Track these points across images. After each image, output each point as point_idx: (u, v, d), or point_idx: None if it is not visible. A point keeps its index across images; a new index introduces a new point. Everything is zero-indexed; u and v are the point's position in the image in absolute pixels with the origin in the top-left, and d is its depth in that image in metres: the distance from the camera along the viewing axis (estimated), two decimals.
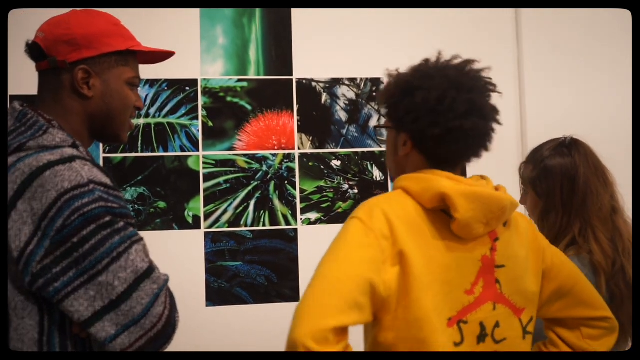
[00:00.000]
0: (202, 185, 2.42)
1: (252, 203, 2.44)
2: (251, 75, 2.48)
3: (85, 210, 1.03)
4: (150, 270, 1.07)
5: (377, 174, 2.54)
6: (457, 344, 1.06)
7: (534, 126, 2.58)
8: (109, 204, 1.07)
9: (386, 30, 2.56)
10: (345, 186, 2.52)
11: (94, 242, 1.03)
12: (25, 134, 1.10)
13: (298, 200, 2.48)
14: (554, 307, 1.23)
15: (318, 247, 1.05)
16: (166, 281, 1.11)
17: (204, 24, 2.46)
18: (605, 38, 2.67)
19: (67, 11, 1.21)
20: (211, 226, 2.41)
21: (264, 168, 2.46)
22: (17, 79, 2.05)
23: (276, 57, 2.50)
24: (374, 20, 2.55)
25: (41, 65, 1.18)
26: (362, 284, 0.98)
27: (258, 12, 2.50)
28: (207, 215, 2.41)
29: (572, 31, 2.66)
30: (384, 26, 2.56)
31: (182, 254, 2.37)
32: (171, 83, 2.42)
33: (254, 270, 2.42)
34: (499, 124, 1.15)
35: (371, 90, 2.55)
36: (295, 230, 2.46)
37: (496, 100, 1.16)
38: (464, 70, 1.14)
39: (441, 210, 1.09)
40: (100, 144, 2.30)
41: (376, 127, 2.53)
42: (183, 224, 2.39)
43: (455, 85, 1.09)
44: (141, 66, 1.28)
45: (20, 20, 1.84)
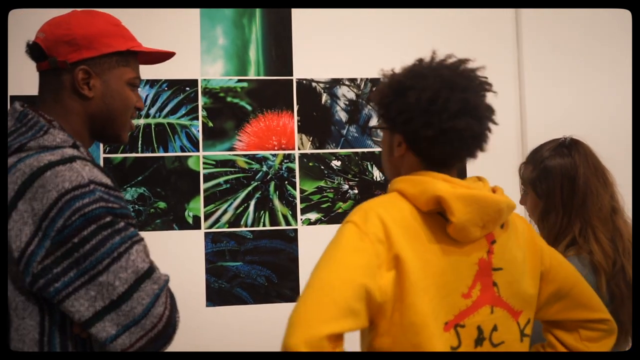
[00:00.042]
0: (202, 186, 2.42)
1: (252, 203, 2.44)
2: (251, 75, 2.48)
3: (86, 210, 1.03)
4: (150, 271, 1.08)
5: (377, 174, 2.54)
6: (455, 349, 1.05)
7: (534, 126, 2.58)
8: (110, 204, 1.07)
9: (386, 30, 2.56)
10: (346, 186, 2.52)
11: (94, 242, 1.03)
12: (26, 135, 1.10)
13: (298, 201, 2.48)
14: (552, 309, 1.21)
15: (318, 247, 1.04)
16: (167, 281, 1.11)
17: (204, 24, 2.46)
18: (605, 38, 2.67)
19: (67, 11, 1.21)
20: (211, 226, 2.41)
21: (264, 168, 2.46)
22: (18, 80, 2.05)
23: (276, 57, 2.50)
24: (374, 20, 2.55)
25: (42, 65, 1.18)
26: (357, 290, 0.96)
27: (258, 12, 2.50)
28: (207, 216, 2.41)
29: (572, 31, 2.66)
30: (384, 26, 2.56)
31: (182, 254, 2.36)
32: (171, 83, 2.42)
33: (254, 270, 2.42)
34: (495, 124, 1.12)
35: (371, 91, 2.55)
36: (295, 231, 2.46)
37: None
38: (458, 70, 1.11)
39: (437, 213, 1.06)
40: (101, 144, 2.30)
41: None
42: (183, 224, 2.39)
43: (449, 85, 1.07)
44: (141, 66, 1.28)
45: (20, 20, 1.85)
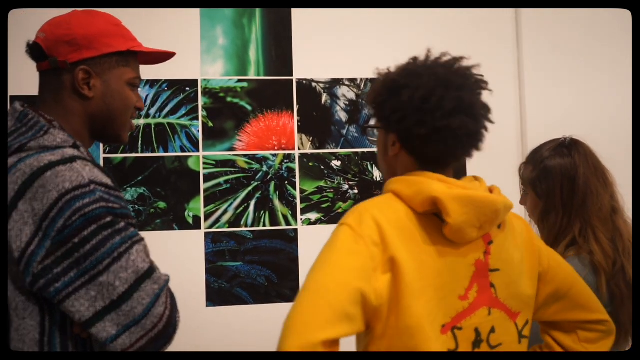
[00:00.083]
0: (203, 186, 2.42)
1: (253, 203, 2.44)
2: (251, 75, 2.48)
3: (86, 210, 1.03)
4: (151, 271, 1.08)
5: (377, 174, 2.54)
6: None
7: (534, 126, 2.58)
8: (110, 205, 1.07)
9: (386, 30, 2.56)
10: (346, 186, 2.52)
11: (94, 242, 1.03)
12: (26, 135, 1.10)
13: (298, 201, 2.48)
14: (550, 310, 1.20)
15: (318, 247, 1.04)
16: (167, 281, 1.11)
17: (204, 24, 2.46)
18: (605, 38, 2.67)
19: (67, 11, 1.21)
20: (211, 226, 2.41)
21: (264, 168, 2.46)
22: (18, 80, 2.05)
23: (276, 57, 2.50)
24: (374, 20, 2.55)
25: (42, 65, 1.18)
26: (353, 294, 0.94)
27: (258, 12, 2.50)
28: (208, 216, 2.41)
29: (572, 31, 2.66)
30: (384, 26, 2.56)
31: (182, 254, 2.37)
32: (171, 83, 2.42)
33: (254, 270, 2.42)
34: (492, 122, 1.11)
35: None
36: (295, 231, 2.46)
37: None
38: (453, 68, 1.09)
39: (433, 214, 1.04)
40: (101, 144, 2.30)
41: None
42: (183, 224, 2.39)
43: (444, 83, 1.05)
44: (141, 66, 1.28)
45: (20, 20, 1.85)
